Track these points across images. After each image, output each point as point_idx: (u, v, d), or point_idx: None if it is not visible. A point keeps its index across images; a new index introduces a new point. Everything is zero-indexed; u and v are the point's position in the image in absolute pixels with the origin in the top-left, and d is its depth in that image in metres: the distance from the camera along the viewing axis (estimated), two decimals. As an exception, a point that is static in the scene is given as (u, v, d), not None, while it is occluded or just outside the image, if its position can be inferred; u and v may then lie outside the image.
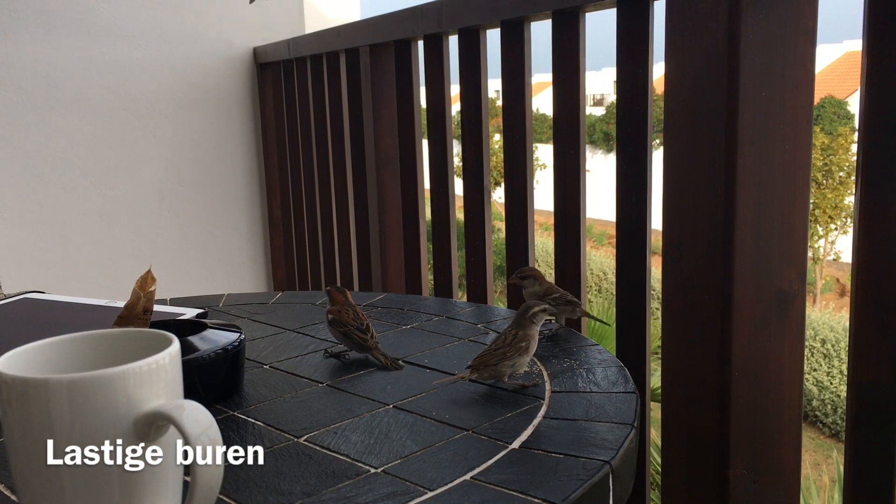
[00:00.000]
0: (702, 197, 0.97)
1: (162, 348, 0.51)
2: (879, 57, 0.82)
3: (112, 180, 2.37)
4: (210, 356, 0.78)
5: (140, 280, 0.77)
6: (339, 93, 2.11)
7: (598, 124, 26.26)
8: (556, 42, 1.29)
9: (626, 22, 1.15)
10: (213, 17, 2.49)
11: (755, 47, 0.90)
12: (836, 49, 26.42)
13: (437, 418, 0.73)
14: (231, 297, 1.26)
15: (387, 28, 1.82)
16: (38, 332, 0.95)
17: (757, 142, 0.93)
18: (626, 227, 1.21)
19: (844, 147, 15.99)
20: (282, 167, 2.56)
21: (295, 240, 2.53)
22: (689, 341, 1.01)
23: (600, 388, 0.79)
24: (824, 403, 10.18)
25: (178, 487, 0.52)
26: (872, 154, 0.84)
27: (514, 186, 1.45)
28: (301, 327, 1.07)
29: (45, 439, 0.47)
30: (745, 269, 0.95)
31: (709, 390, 0.98)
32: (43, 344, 0.54)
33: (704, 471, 1.02)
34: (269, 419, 0.75)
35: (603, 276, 14.46)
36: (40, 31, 2.21)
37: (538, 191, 2.19)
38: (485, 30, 1.50)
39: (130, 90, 2.37)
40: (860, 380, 0.87)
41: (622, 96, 1.19)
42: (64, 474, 0.47)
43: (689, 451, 1.04)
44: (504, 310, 1.19)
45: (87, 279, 2.35)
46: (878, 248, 0.84)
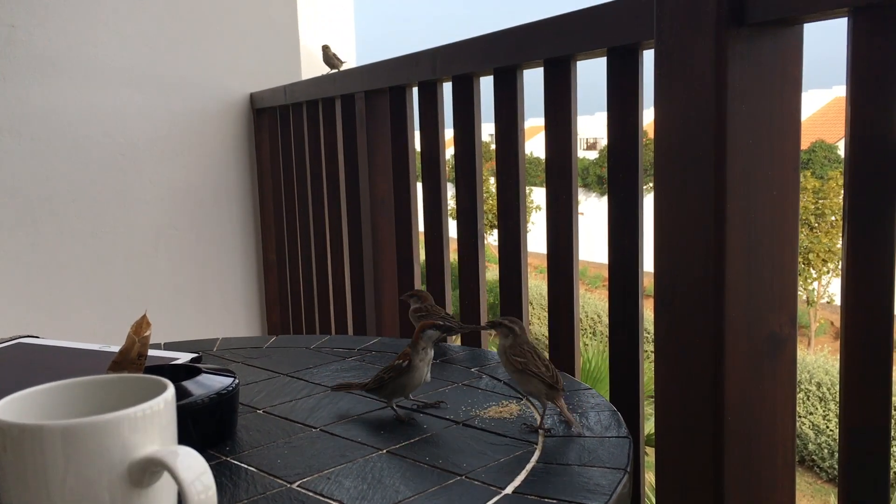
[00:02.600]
0: (692, 241, 0.98)
1: (157, 394, 0.51)
2: (862, 108, 0.84)
3: (108, 224, 2.38)
4: (204, 401, 0.78)
5: (135, 325, 0.77)
6: (334, 137, 2.13)
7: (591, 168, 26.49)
8: (548, 89, 1.32)
9: (617, 71, 1.18)
10: (210, 63, 2.53)
11: (742, 96, 0.92)
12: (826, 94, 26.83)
13: (430, 463, 0.73)
14: (225, 340, 1.26)
15: (382, 75, 1.85)
16: (32, 377, 0.95)
17: (745, 187, 0.94)
18: (619, 271, 1.22)
19: (836, 190, 16.14)
20: (277, 211, 2.58)
21: (290, 283, 2.53)
22: (681, 384, 1.02)
23: (593, 433, 0.79)
24: (821, 447, 10.11)
25: (170, 534, 0.52)
26: (858, 199, 0.86)
27: (508, 229, 1.46)
28: (295, 371, 1.07)
29: (40, 485, 0.47)
30: (736, 312, 0.96)
31: (702, 433, 0.98)
32: (38, 390, 0.54)
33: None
34: (262, 465, 0.74)
35: (597, 319, 14.45)
36: (39, 75, 2.24)
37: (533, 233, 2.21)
38: (478, 77, 1.53)
39: (127, 135, 2.39)
40: (851, 424, 0.88)
41: (613, 142, 1.21)
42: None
43: (684, 494, 1.03)
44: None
45: (82, 323, 2.34)
46: (866, 291, 0.85)
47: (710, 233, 0.95)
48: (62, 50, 2.27)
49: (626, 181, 1.20)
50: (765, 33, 0.92)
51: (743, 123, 0.92)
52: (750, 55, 0.92)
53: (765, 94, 0.94)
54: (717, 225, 0.94)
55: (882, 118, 0.83)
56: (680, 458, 1.03)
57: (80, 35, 2.29)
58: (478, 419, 0.85)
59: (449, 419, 0.84)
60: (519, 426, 0.82)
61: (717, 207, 0.94)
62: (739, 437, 0.97)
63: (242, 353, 1.18)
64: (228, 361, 1.14)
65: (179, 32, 2.46)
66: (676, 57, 0.97)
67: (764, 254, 0.96)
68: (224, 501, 0.66)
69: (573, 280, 1.33)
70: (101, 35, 2.32)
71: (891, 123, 0.82)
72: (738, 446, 0.97)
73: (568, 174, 1.32)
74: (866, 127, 0.84)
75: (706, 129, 0.93)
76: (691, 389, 1.00)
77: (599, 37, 1.17)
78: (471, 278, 1.58)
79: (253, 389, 0.99)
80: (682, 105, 0.97)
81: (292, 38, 2.67)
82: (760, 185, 0.95)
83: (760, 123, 0.94)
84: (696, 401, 0.99)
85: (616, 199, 1.21)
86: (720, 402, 0.96)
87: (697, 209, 0.96)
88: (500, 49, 1.40)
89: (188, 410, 0.76)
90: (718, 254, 0.94)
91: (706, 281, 0.96)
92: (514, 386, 0.95)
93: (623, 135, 1.19)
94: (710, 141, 0.93)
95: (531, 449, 0.76)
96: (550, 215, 1.34)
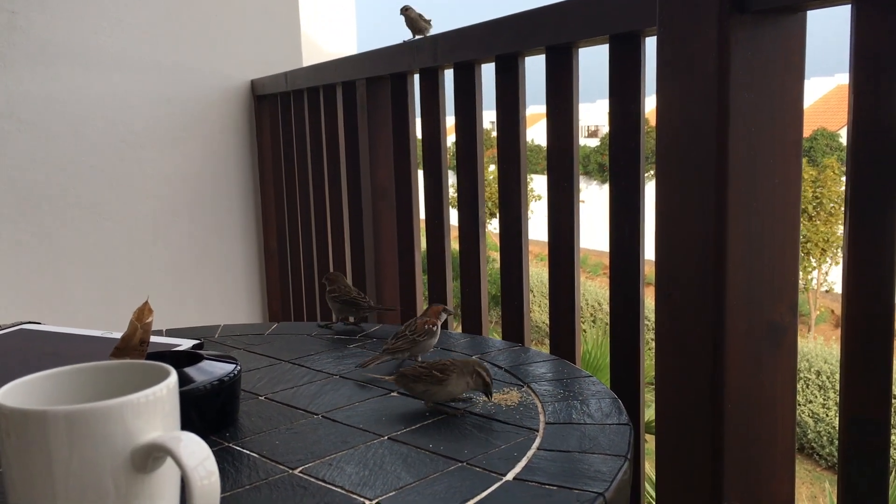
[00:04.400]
0: (693, 229, 0.98)
1: (160, 380, 0.51)
2: (865, 97, 0.84)
3: (108, 211, 2.38)
4: (206, 387, 0.78)
5: (137, 311, 0.77)
6: (335, 125, 2.13)
7: (592, 155, 26.43)
8: (549, 76, 1.31)
9: (618, 58, 1.17)
10: (211, 50, 2.52)
11: (744, 84, 0.92)
12: (828, 82, 26.75)
13: (431, 450, 0.73)
14: (227, 328, 1.26)
15: (383, 62, 1.84)
16: (34, 363, 0.96)
17: (747, 176, 0.94)
18: (620, 259, 1.22)
19: (833, 179, 16.12)
20: (278, 198, 2.58)
21: (291, 270, 2.53)
22: (681, 373, 1.02)
23: (594, 420, 0.80)
24: (820, 435, 10.14)
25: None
26: (860, 187, 0.86)
27: (509, 217, 1.46)
28: (296, 358, 1.07)
29: (43, 471, 0.47)
30: (736, 301, 0.96)
31: (702, 422, 0.99)
32: (41, 376, 0.54)
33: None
34: (264, 451, 0.75)
35: (598, 307, 14.46)
36: (39, 62, 2.23)
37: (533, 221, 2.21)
38: (480, 64, 1.52)
39: (128, 122, 2.39)
40: (851, 412, 0.88)
41: (615, 130, 1.21)
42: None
43: (683, 483, 1.04)
44: (499, 341, 1.19)
45: (83, 310, 2.34)
46: (867, 280, 0.85)
47: (711, 221, 0.95)
48: (62, 36, 2.26)
49: (627, 169, 1.20)
50: (767, 21, 0.92)
51: (745, 111, 0.92)
52: (752, 43, 0.92)
53: (767, 82, 0.94)
54: (718, 213, 0.94)
55: (885, 107, 0.83)
56: (679, 446, 1.04)
57: (80, 21, 2.28)
58: (479, 406, 0.85)
59: (450, 406, 0.85)
60: (520, 413, 0.82)
61: (718, 196, 0.94)
62: (739, 426, 0.97)
63: (244, 340, 1.18)
64: (230, 348, 1.14)
65: (180, 19, 2.45)
66: (678, 44, 0.96)
67: (765, 242, 0.96)
68: (226, 487, 0.66)
69: (574, 268, 1.33)
70: (101, 21, 2.32)
71: (893, 112, 0.82)
72: (737, 435, 0.97)
73: (569, 162, 1.31)
74: (869, 115, 0.84)
75: (708, 117, 0.93)
76: (691, 377, 1.00)
77: (601, 24, 1.17)
78: (472, 266, 1.58)
79: (254, 376, 0.99)
80: (683, 93, 0.96)
81: (293, 24, 2.66)
82: (762, 173, 0.95)
83: (762, 111, 0.94)
84: (696, 389, 0.99)
85: (617, 188, 1.21)
86: (720, 390, 0.96)
87: (698, 198, 0.96)
88: (501, 36, 1.39)
89: (190, 397, 0.76)
90: (719, 242, 0.94)
91: (706, 269, 0.96)
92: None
93: (624, 123, 1.19)
94: (712, 129, 0.93)
95: (532, 436, 0.76)
96: (551, 203, 1.34)
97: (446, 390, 0.83)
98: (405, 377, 0.86)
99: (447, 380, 0.83)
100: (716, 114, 0.92)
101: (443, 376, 0.83)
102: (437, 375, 0.83)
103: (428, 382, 0.83)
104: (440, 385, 0.83)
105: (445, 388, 0.83)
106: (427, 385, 0.84)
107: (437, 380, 0.83)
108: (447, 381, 0.83)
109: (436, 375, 0.83)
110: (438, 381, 0.83)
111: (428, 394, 0.84)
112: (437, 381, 0.83)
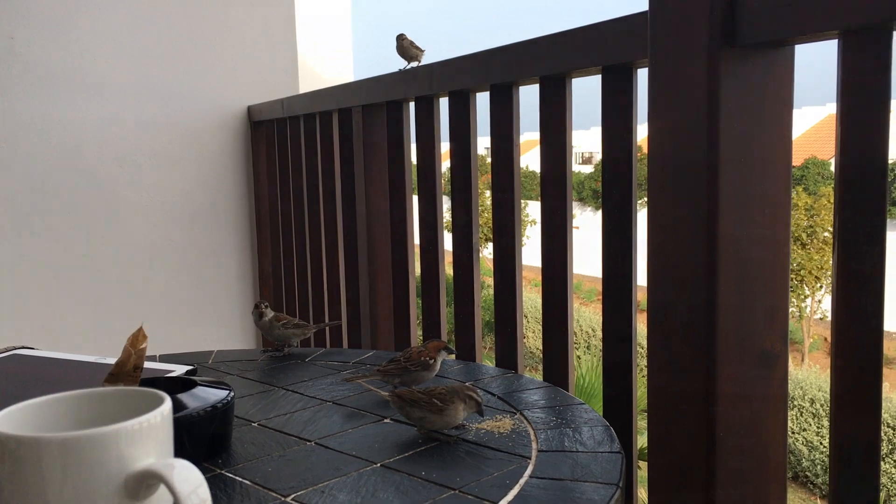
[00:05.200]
0: (684, 258, 0.99)
1: (154, 407, 0.51)
2: (852, 128, 0.85)
3: (104, 235, 2.38)
4: (199, 414, 0.78)
5: (132, 337, 0.78)
6: (331, 150, 2.14)
7: (586, 182, 26.56)
8: (543, 105, 1.33)
9: (611, 88, 1.19)
10: (208, 76, 2.54)
11: (734, 115, 0.93)
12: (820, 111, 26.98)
13: (424, 477, 0.73)
14: (220, 353, 1.26)
15: (379, 89, 1.86)
16: (27, 388, 0.95)
17: (738, 205, 0.95)
18: (613, 285, 1.23)
19: (828, 208, 16.20)
20: (273, 223, 2.58)
21: (285, 295, 2.53)
22: (674, 400, 1.02)
23: (586, 448, 0.80)
24: (814, 464, 10.10)
25: (166, 546, 0.52)
26: (848, 217, 0.87)
27: (503, 243, 1.47)
28: (290, 385, 1.07)
29: (37, 497, 0.48)
30: (728, 329, 0.96)
31: (695, 450, 0.99)
32: (35, 402, 0.54)
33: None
34: (256, 478, 0.75)
35: (592, 333, 14.44)
36: (37, 87, 2.25)
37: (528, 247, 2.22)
38: (474, 92, 1.54)
39: (124, 146, 2.40)
40: (841, 440, 0.88)
41: (607, 158, 1.22)
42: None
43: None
44: (493, 367, 1.20)
45: (77, 334, 2.34)
46: (856, 308, 0.86)
47: (703, 250, 0.95)
48: (60, 61, 2.28)
49: (619, 196, 1.21)
50: (756, 54, 0.94)
51: (735, 143, 0.93)
52: (742, 75, 0.93)
53: (756, 114, 0.95)
54: (710, 242, 0.95)
55: (871, 138, 0.84)
56: (672, 474, 1.04)
57: (78, 47, 2.30)
58: (472, 433, 0.85)
59: (443, 433, 0.85)
60: (513, 440, 0.83)
61: (710, 225, 0.95)
62: (731, 453, 0.98)
63: (237, 366, 1.18)
64: (223, 374, 1.14)
65: (177, 45, 2.48)
66: (670, 76, 0.98)
67: (756, 272, 0.97)
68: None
69: (567, 294, 1.34)
70: (99, 47, 2.33)
71: (880, 143, 0.84)
72: (730, 462, 0.97)
73: (562, 189, 1.33)
74: (856, 147, 0.85)
75: (698, 147, 0.94)
76: (684, 405, 1.00)
77: (594, 55, 1.18)
78: (465, 292, 1.58)
79: (248, 402, 0.99)
80: (674, 124, 0.98)
81: (290, 51, 2.69)
82: (753, 203, 0.96)
83: (752, 143, 0.95)
84: (689, 416, 0.99)
85: (610, 214, 1.22)
86: (712, 417, 0.96)
87: (690, 226, 0.97)
88: (496, 66, 1.41)
89: (184, 423, 0.76)
90: (710, 271, 0.95)
91: (698, 297, 0.97)
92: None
93: (618, 151, 1.20)
94: (703, 159, 0.94)
95: (524, 463, 0.76)
96: (545, 230, 1.35)
97: (444, 420, 0.83)
98: (402, 399, 0.86)
99: (446, 409, 0.83)
100: (706, 144, 0.94)
101: (443, 405, 0.83)
102: (436, 405, 0.83)
103: (426, 410, 0.83)
104: (439, 414, 0.83)
105: (443, 418, 0.83)
106: (425, 412, 0.83)
107: (436, 409, 0.83)
108: (446, 411, 0.83)
109: (436, 405, 0.83)
110: (438, 411, 0.83)
111: (425, 421, 0.84)
112: (436, 411, 0.83)
